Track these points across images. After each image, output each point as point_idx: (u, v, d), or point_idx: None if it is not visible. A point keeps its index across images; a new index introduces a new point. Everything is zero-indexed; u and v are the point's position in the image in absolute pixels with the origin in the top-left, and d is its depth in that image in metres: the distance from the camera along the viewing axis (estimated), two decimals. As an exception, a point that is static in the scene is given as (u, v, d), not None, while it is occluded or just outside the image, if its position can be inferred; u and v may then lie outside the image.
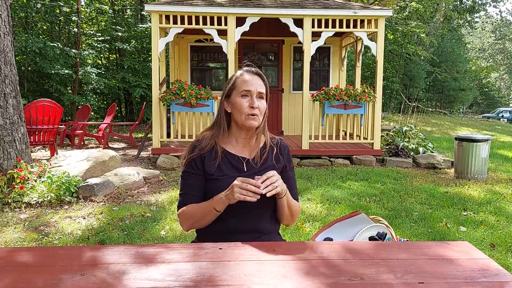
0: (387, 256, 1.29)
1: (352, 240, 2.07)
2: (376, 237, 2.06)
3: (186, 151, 1.64)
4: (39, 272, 1.16)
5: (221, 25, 6.79)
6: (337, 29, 6.90)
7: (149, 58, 14.15)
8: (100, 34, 14.64)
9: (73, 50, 12.44)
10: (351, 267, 1.20)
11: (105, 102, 15.81)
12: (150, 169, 6.32)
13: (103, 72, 14.19)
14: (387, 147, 7.65)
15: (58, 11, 14.14)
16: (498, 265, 1.24)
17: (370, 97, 6.89)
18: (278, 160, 1.65)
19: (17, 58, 11.84)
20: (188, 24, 6.72)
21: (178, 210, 1.62)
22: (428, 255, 1.31)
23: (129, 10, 16.93)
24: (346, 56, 9.32)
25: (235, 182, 1.42)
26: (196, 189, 1.59)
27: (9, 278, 1.12)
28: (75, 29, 13.70)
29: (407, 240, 2.76)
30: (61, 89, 12.31)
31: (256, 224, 1.58)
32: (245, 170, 1.59)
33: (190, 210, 1.57)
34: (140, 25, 14.71)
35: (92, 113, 14.46)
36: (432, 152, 7.51)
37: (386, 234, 2.09)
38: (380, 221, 2.21)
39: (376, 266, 1.21)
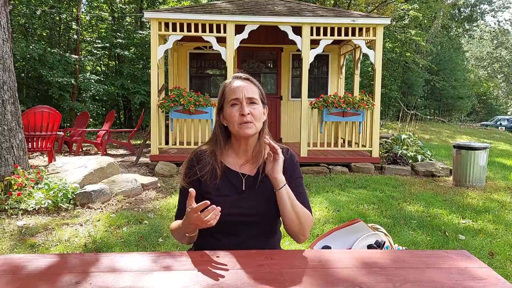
0: (385, 265, 1.29)
1: (350, 249, 2.06)
2: (375, 245, 2.05)
3: (184, 166, 1.57)
4: (34, 280, 1.15)
5: (220, 32, 6.82)
6: (336, 37, 6.94)
7: (148, 65, 14.18)
8: (99, 41, 14.70)
9: (73, 57, 12.47)
10: (350, 276, 1.19)
11: (104, 109, 15.80)
12: (148, 176, 6.30)
13: (102, 79, 14.21)
14: (386, 154, 7.65)
15: (58, 18, 14.20)
16: (497, 274, 1.23)
17: (368, 105, 6.91)
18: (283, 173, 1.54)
19: (16, 65, 11.86)
20: (187, 31, 6.75)
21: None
22: (427, 264, 1.30)
23: (128, 17, 17.01)
24: (344, 64, 9.37)
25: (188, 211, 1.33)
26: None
27: (3, 286, 1.11)
28: (75, 36, 13.75)
29: (405, 249, 2.74)
30: (63, 94, 12.30)
31: (252, 244, 1.50)
32: (243, 189, 1.52)
33: (174, 227, 1.52)
34: (140, 32, 14.77)
35: (91, 119, 14.45)
36: (431, 160, 7.52)
37: (384, 242, 2.08)
38: (379, 229, 2.20)
39: (374, 274, 1.21)
